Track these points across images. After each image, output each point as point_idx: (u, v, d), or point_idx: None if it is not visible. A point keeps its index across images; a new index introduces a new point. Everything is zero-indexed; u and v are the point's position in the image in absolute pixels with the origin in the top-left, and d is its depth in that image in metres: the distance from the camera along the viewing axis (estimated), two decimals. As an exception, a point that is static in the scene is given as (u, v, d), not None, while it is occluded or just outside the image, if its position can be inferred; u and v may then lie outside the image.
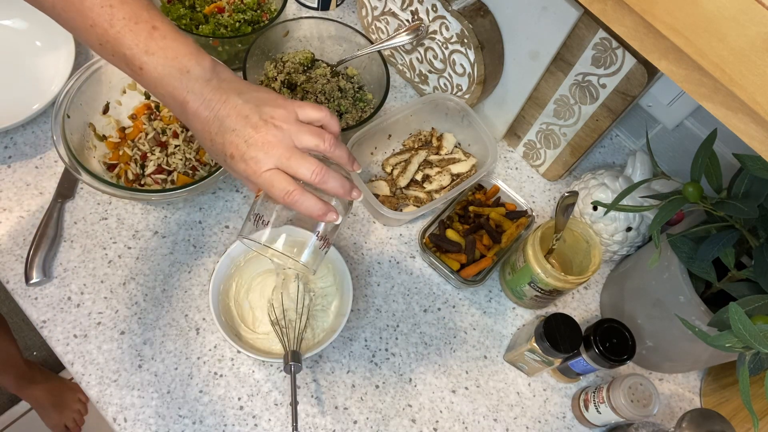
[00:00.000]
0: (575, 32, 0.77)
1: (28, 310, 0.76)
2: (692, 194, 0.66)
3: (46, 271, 0.77)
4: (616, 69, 0.76)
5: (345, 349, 0.80)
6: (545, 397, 0.82)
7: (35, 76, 0.90)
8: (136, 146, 0.84)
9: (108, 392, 0.73)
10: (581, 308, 0.90)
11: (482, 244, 0.85)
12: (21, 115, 0.83)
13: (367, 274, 0.85)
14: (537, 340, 0.73)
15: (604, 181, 0.86)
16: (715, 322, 0.64)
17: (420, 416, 0.77)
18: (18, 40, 0.92)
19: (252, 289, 0.80)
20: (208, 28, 0.93)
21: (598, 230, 0.86)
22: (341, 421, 0.76)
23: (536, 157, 0.97)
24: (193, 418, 0.73)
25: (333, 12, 1.07)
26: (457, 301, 0.86)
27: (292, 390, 0.69)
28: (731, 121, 0.41)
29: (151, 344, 0.76)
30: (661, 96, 0.89)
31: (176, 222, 0.84)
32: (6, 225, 0.79)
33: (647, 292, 0.78)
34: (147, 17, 0.52)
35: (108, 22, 0.51)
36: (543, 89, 0.87)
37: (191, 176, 0.83)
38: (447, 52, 0.88)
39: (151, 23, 0.52)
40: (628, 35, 0.44)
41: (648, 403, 0.72)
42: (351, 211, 0.89)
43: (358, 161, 0.74)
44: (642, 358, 0.84)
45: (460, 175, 0.91)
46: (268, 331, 0.77)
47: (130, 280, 0.79)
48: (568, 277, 0.75)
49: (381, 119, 0.87)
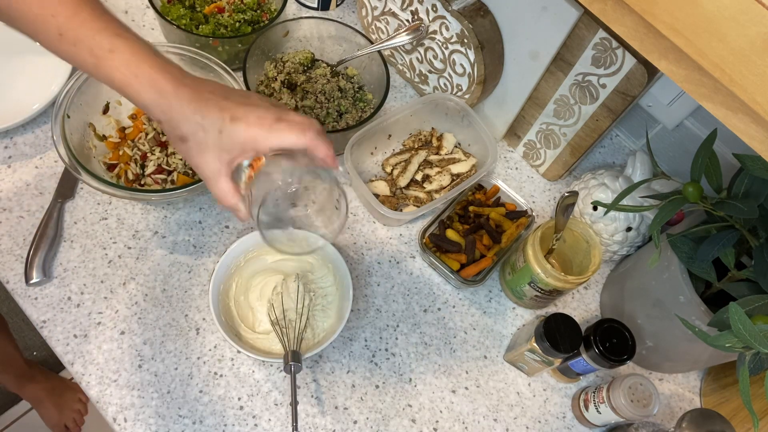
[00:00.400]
0: (575, 32, 0.77)
1: (28, 310, 0.76)
2: (692, 194, 0.66)
3: (46, 271, 0.77)
4: (616, 69, 0.76)
5: (345, 349, 0.80)
6: (545, 397, 0.82)
7: (35, 76, 0.90)
8: (136, 146, 0.84)
9: (108, 392, 0.73)
10: (581, 308, 0.90)
11: (482, 244, 0.85)
12: (21, 115, 0.83)
13: (367, 274, 0.85)
14: (537, 340, 0.73)
15: (604, 181, 0.86)
16: (715, 322, 0.64)
17: (420, 416, 0.77)
18: (18, 40, 0.92)
19: (252, 289, 0.79)
20: (208, 28, 0.93)
21: (598, 230, 0.86)
22: (341, 421, 0.76)
23: (536, 157, 0.97)
24: (193, 418, 0.73)
25: (333, 12, 1.07)
26: (457, 301, 0.86)
27: (292, 390, 0.69)
28: (731, 121, 0.41)
29: (151, 344, 0.76)
30: (661, 96, 0.89)
31: (176, 222, 0.84)
32: (6, 225, 0.79)
33: (647, 292, 0.78)
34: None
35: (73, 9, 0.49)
36: (543, 89, 0.87)
37: (191, 176, 0.83)
38: (447, 52, 0.88)
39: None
40: (628, 35, 0.44)
41: (648, 403, 0.72)
42: (351, 211, 0.90)
43: (358, 161, 0.74)
44: (642, 358, 0.84)
45: (460, 175, 0.91)
46: (268, 331, 0.77)
47: (130, 280, 0.79)
48: (568, 277, 0.75)
49: (381, 119, 0.87)
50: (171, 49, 0.85)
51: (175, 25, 0.88)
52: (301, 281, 0.79)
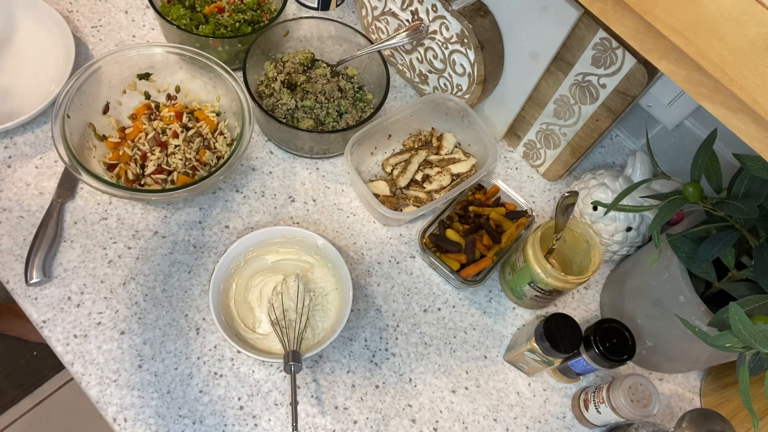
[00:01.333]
0: (575, 32, 0.77)
1: (28, 310, 0.76)
2: (692, 194, 0.66)
3: (46, 271, 0.77)
4: (616, 69, 0.76)
5: (345, 349, 0.80)
6: (545, 397, 0.82)
7: (35, 76, 0.90)
8: (136, 146, 0.84)
9: (108, 392, 0.73)
10: (581, 308, 0.90)
11: (482, 244, 0.85)
12: (21, 115, 0.83)
13: (367, 274, 0.85)
14: (537, 340, 0.73)
15: (604, 181, 0.86)
16: (715, 322, 0.64)
17: (420, 416, 0.77)
18: (18, 40, 0.92)
19: (252, 289, 0.80)
20: (208, 28, 0.93)
21: (598, 230, 0.86)
22: (341, 421, 0.76)
23: (536, 157, 0.97)
24: (193, 418, 0.73)
25: (333, 12, 1.07)
26: (457, 301, 0.86)
27: (292, 390, 0.69)
28: (731, 121, 0.41)
29: (151, 344, 0.76)
30: (661, 96, 0.89)
31: (176, 222, 0.84)
32: (6, 225, 0.79)
33: (647, 292, 0.78)
34: None
35: None
36: (543, 89, 0.87)
37: (191, 176, 0.83)
38: (447, 52, 0.88)
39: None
40: (628, 35, 0.44)
41: (648, 403, 0.72)
42: (351, 211, 0.90)
43: (358, 161, 0.73)
44: (642, 358, 0.84)
45: (460, 175, 0.91)
46: (268, 331, 0.77)
47: (130, 280, 0.79)
48: (568, 277, 0.75)
49: (381, 119, 0.87)
50: (171, 49, 0.85)
51: (175, 25, 0.88)
52: (301, 281, 0.79)
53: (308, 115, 0.89)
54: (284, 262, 0.82)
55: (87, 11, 0.99)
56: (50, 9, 0.91)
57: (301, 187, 0.90)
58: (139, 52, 0.84)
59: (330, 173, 0.92)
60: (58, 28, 0.91)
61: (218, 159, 0.86)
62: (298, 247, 0.82)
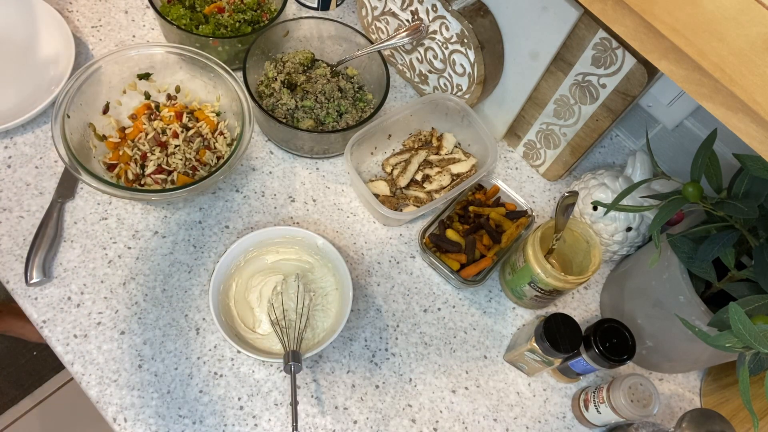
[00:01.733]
0: (575, 32, 0.77)
1: (28, 310, 0.76)
2: (692, 194, 0.66)
3: (46, 271, 0.77)
4: (616, 69, 0.76)
5: (345, 349, 0.80)
6: (545, 397, 0.82)
7: (35, 76, 0.90)
8: (136, 146, 0.84)
9: (108, 392, 0.73)
10: (581, 308, 0.90)
11: (482, 244, 0.85)
12: (21, 115, 0.83)
13: (367, 274, 0.85)
14: (537, 340, 0.73)
15: (604, 181, 0.86)
16: (715, 322, 0.64)
17: (420, 416, 0.77)
18: (18, 40, 0.92)
19: (252, 289, 0.80)
20: (208, 28, 0.93)
21: (598, 230, 0.86)
22: (341, 421, 0.76)
23: (536, 157, 0.97)
24: (193, 418, 0.73)
25: (333, 12, 1.07)
26: (457, 301, 0.86)
27: (292, 390, 0.69)
28: (731, 121, 0.41)
29: (151, 344, 0.76)
30: (661, 96, 0.89)
31: (176, 222, 0.84)
32: (6, 225, 0.79)
33: (647, 292, 0.78)
34: None
35: None
36: (543, 89, 0.87)
37: (191, 176, 0.83)
38: (447, 52, 0.88)
39: None
40: (628, 35, 0.44)
41: (648, 403, 0.72)
42: (351, 211, 0.90)
43: (358, 161, 0.73)
44: (642, 358, 0.84)
45: (460, 175, 0.91)
46: (268, 331, 0.77)
47: (130, 280, 0.79)
48: (568, 277, 0.75)
49: (381, 119, 0.87)
50: (171, 49, 0.85)
51: (175, 25, 0.88)
52: (301, 281, 0.79)
53: (308, 115, 0.89)
54: (284, 262, 0.82)
55: (87, 11, 0.99)
56: (50, 9, 0.91)
57: (301, 187, 0.90)
58: (139, 52, 0.84)
59: (330, 173, 0.92)
60: (58, 28, 0.91)
61: (218, 159, 0.86)
62: (298, 247, 0.82)
